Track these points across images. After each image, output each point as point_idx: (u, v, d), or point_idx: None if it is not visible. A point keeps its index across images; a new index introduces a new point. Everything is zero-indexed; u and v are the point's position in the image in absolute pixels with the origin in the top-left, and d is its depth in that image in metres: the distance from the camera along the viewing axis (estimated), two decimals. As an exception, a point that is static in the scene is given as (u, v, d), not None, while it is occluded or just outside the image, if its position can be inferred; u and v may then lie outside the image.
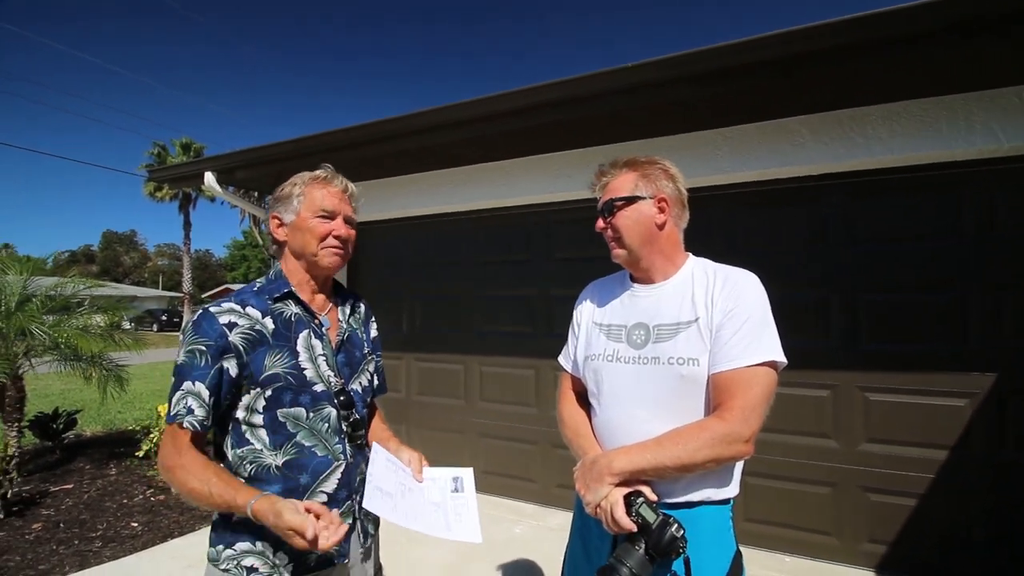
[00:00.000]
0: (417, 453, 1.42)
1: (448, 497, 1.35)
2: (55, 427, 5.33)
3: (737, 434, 1.11)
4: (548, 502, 3.84)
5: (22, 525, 3.61)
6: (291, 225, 1.30)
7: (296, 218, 1.29)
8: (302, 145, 3.70)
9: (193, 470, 1.13)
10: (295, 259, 1.32)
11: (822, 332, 3.03)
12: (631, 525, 1.10)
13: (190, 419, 1.15)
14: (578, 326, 1.46)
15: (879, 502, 2.86)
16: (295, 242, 1.30)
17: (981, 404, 2.68)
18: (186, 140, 28.98)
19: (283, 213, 1.31)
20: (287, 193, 1.31)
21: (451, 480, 1.38)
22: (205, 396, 1.16)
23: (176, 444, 1.16)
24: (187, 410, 1.15)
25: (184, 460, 1.14)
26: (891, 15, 2.06)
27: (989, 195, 2.71)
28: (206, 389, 1.16)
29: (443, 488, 1.36)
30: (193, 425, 1.15)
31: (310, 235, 1.28)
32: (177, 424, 1.15)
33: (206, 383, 1.16)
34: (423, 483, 1.36)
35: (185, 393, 1.16)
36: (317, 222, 1.28)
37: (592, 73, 2.68)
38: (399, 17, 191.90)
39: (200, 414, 1.15)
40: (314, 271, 1.33)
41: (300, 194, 1.30)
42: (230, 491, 1.11)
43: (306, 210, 1.29)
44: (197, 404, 1.15)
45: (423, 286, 4.49)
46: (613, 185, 1.32)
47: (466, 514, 1.33)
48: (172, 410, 1.16)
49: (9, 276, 4.46)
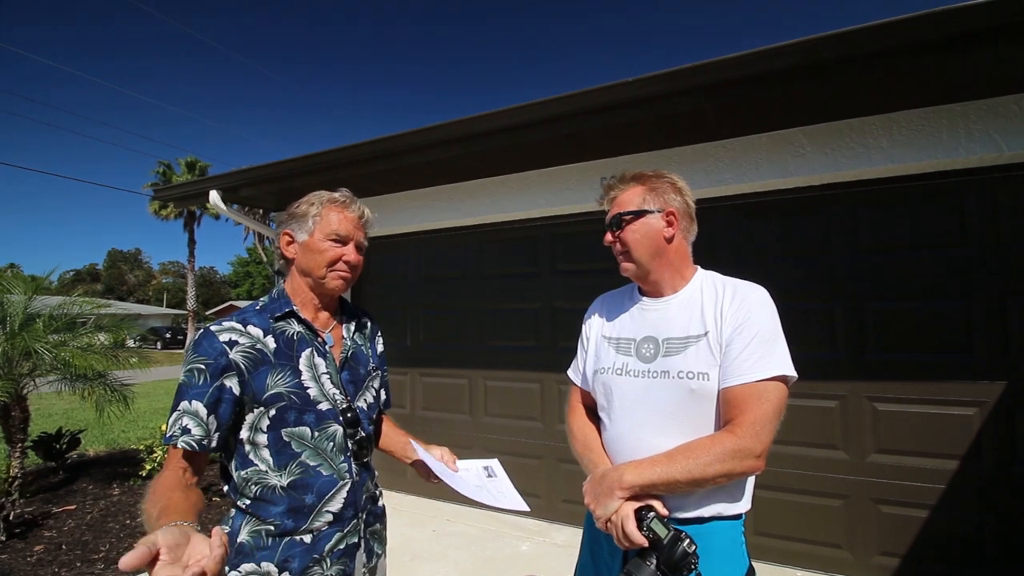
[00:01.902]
0: (446, 448, 1.49)
1: (486, 482, 1.46)
2: (58, 447, 5.31)
3: (749, 449, 1.10)
4: (554, 518, 3.79)
5: (24, 547, 3.58)
6: (302, 244, 1.30)
7: (309, 238, 1.29)
8: (306, 163, 3.73)
9: (155, 491, 1.07)
10: (301, 277, 1.32)
11: (828, 342, 3.01)
12: (642, 540, 1.09)
13: (185, 439, 1.13)
14: (587, 339, 1.46)
15: (890, 514, 2.82)
16: (304, 261, 1.30)
17: (990, 413, 2.65)
18: (191, 158, 29.25)
19: (296, 231, 1.31)
20: (303, 212, 1.31)
21: (482, 469, 1.49)
22: (203, 414, 1.14)
23: (167, 465, 1.14)
24: (182, 430, 1.13)
25: (157, 482, 1.11)
26: (892, 26, 2.08)
27: (993, 202, 2.71)
28: (204, 408, 1.15)
29: (479, 475, 1.48)
30: (190, 444, 1.13)
31: (320, 257, 1.28)
32: (172, 445, 1.14)
33: (204, 401, 1.15)
34: (459, 472, 1.45)
35: (182, 413, 1.15)
36: (329, 245, 1.29)
37: (594, 88, 2.70)
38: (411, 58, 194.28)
39: (197, 433, 1.14)
40: (319, 291, 1.33)
41: (316, 215, 1.30)
42: (167, 513, 0.99)
43: (320, 232, 1.29)
44: (194, 423, 1.14)
45: (427, 301, 4.49)
46: (621, 199, 1.32)
47: (507, 491, 1.44)
48: (168, 431, 1.15)
49: (14, 296, 4.47)
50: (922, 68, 2.27)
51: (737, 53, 2.36)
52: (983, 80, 2.45)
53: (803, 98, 2.62)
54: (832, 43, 2.20)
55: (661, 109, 2.67)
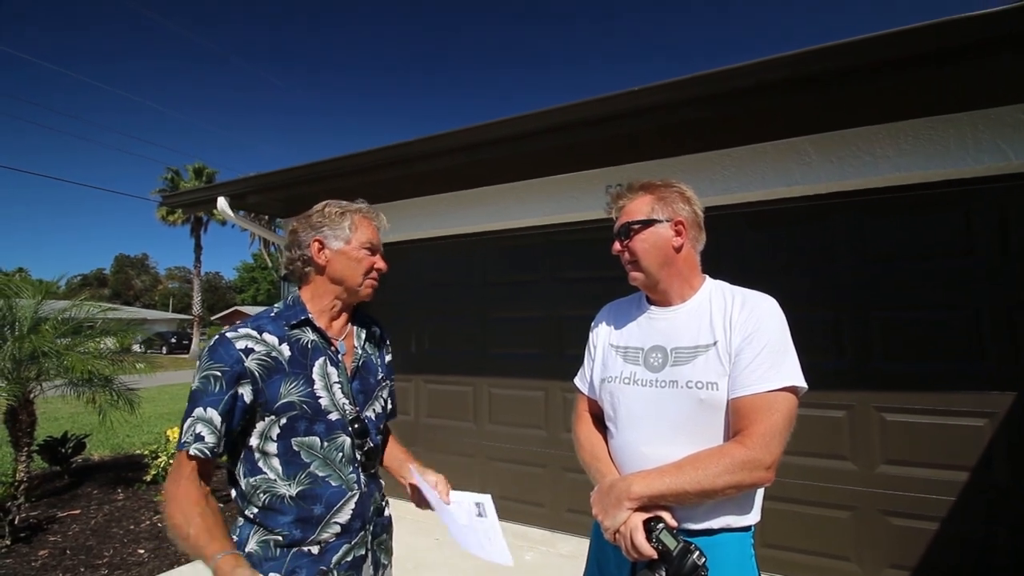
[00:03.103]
0: (442, 476, 1.42)
1: (475, 521, 1.36)
2: (64, 451, 5.32)
3: (758, 461, 1.09)
4: (558, 527, 3.77)
5: (28, 552, 3.59)
6: (337, 252, 1.30)
7: (345, 246, 1.30)
8: (313, 170, 3.76)
9: (182, 504, 1.11)
10: (330, 284, 1.32)
11: (835, 351, 2.99)
12: (651, 552, 1.08)
13: (198, 446, 1.13)
14: (594, 347, 1.45)
15: (900, 526, 2.79)
16: (338, 268, 1.31)
17: (1001, 424, 2.62)
18: (199, 165, 29.47)
19: (328, 238, 1.31)
20: (336, 219, 1.32)
21: (474, 505, 1.39)
22: (217, 422, 1.14)
23: (177, 472, 1.14)
24: (195, 437, 1.13)
25: (179, 491, 1.12)
26: (898, 36, 2.09)
27: (1001, 211, 2.70)
28: (218, 415, 1.15)
29: (469, 512, 1.38)
30: (202, 452, 1.13)
31: (359, 266, 1.31)
32: (184, 452, 1.13)
33: (219, 409, 1.15)
34: (450, 505, 1.37)
35: (195, 420, 1.14)
36: (365, 253, 1.32)
37: (600, 97, 2.72)
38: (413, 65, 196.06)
39: (210, 440, 1.14)
40: (349, 299, 1.35)
41: (352, 224, 1.32)
42: (205, 536, 1.08)
43: (356, 240, 1.31)
44: (208, 431, 1.14)
45: (432, 307, 4.49)
46: (629, 208, 1.32)
47: (494, 537, 1.34)
48: (182, 437, 1.15)
49: (22, 300, 4.50)
50: (927, 78, 2.27)
51: (741, 63, 2.38)
52: (989, 90, 2.45)
53: (809, 107, 2.62)
54: (834, 54, 2.21)
55: (664, 119, 2.68)
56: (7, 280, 4.81)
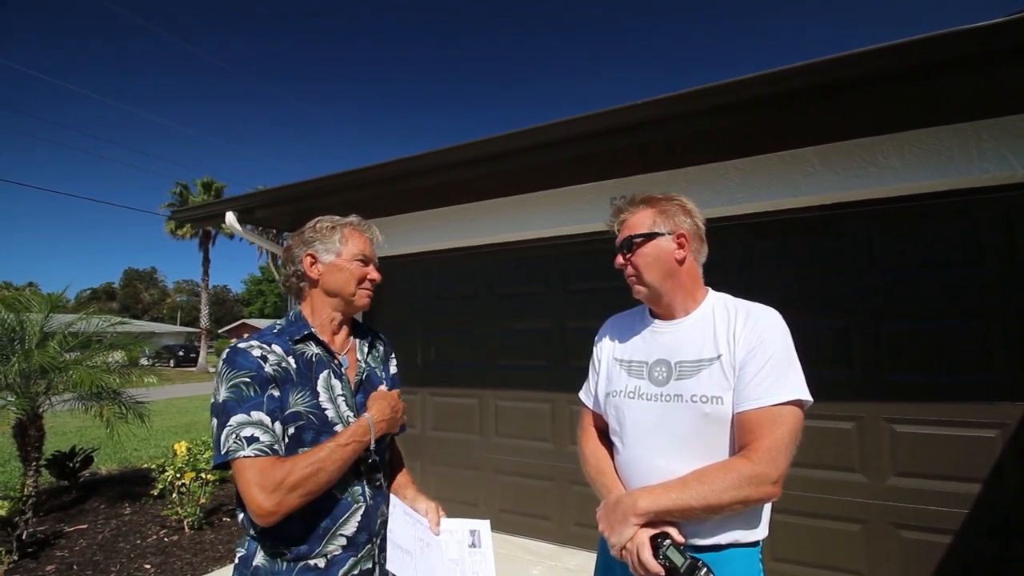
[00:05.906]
0: (434, 504, 1.40)
1: (465, 553, 1.32)
2: (72, 466, 5.34)
3: (765, 475, 1.08)
4: (566, 541, 3.73)
5: (36, 567, 3.59)
6: (329, 264, 1.33)
7: (337, 258, 1.33)
8: (321, 185, 3.78)
9: (299, 465, 1.14)
10: (326, 297, 1.34)
11: (844, 362, 2.97)
12: (658, 568, 1.07)
13: (255, 447, 1.10)
14: (599, 362, 1.45)
15: (911, 539, 2.75)
16: (332, 281, 1.33)
17: (1013, 435, 2.59)
18: (207, 179, 29.79)
19: (320, 252, 1.34)
20: (326, 233, 1.35)
21: (468, 534, 1.35)
22: (267, 422, 1.15)
23: (249, 478, 1.10)
24: (247, 440, 1.10)
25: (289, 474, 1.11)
26: (901, 48, 2.10)
27: (1008, 221, 2.69)
28: (267, 415, 1.15)
29: (460, 543, 1.33)
30: (263, 451, 1.11)
31: (350, 276, 1.33)
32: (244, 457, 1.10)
33: (264, 410, 1.15)
34: (440, 536, 1.33)
35: (240, 425, 1.12)
36: (357, 265, 1.34)
37: (606, 110, 2.73)
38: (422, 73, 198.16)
39: (266, 439, 1.12)
40: (346, 310, 1.36)
41: (342, 237, 1.35)
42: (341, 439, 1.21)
43: (347, 252, 1.34)
44: (260, 431, 1.13)
45: (438, 320, 4.50)
46: (631, 222, 1.33)
47: (484, 572, 1.30)
48: (223, 447, 1.11)
49: (32, 314, 4.54)
50: (930, 89, 2.28)
51: (747, 75, 2.39)
52: (993, 100, 2.45)
53: (814, 118, 2.63)
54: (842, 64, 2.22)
55: (670, 132, 2.70)
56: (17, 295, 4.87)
